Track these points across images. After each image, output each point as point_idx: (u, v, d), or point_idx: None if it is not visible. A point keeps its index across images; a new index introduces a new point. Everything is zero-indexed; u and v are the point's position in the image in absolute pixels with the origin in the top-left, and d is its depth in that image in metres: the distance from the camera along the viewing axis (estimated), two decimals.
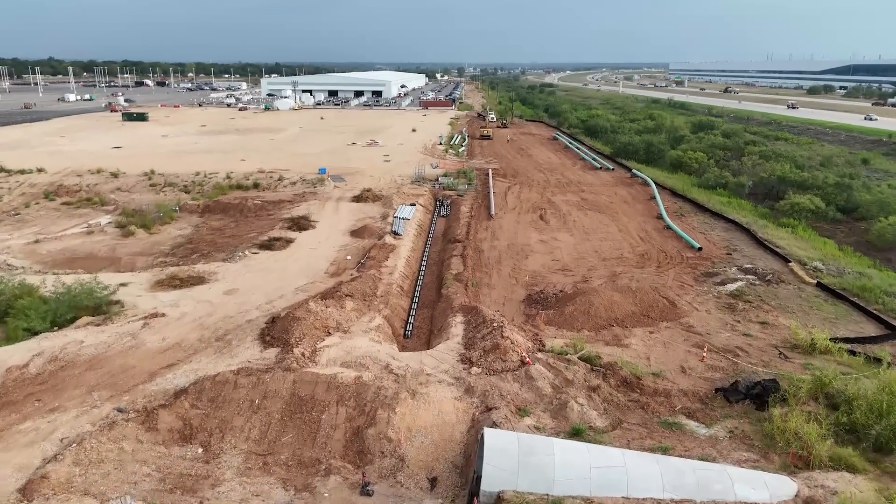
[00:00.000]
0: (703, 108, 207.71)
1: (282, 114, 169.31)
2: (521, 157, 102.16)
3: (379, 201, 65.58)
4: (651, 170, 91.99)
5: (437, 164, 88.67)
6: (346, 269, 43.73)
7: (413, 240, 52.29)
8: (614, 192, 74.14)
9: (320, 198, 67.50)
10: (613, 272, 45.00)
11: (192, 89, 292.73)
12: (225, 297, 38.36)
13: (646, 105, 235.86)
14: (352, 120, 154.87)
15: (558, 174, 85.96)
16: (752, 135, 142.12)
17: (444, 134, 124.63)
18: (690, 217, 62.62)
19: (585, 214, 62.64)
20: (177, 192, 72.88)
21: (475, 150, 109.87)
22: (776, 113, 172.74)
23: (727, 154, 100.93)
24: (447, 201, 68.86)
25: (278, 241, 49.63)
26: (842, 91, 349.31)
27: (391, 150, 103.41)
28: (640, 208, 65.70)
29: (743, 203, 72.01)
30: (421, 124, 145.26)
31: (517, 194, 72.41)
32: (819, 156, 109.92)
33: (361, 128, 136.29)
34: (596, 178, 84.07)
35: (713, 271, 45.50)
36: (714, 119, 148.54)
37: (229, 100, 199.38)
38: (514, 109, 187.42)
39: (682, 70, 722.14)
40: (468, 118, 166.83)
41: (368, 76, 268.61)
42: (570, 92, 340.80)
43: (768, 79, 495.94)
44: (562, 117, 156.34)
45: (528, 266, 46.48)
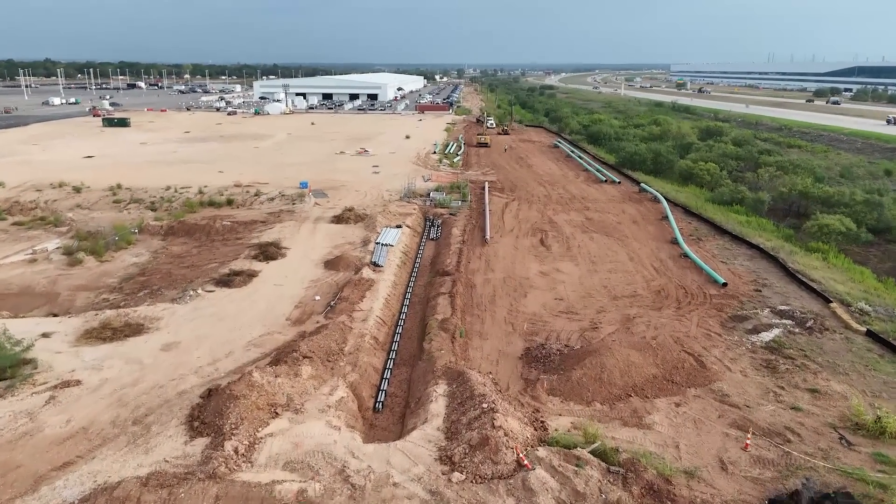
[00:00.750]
0: (708, 112, 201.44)
1: (272, 119, 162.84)
2: (521, 167, 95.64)
3: (362, 222, 59.05)
4: (659, 182, 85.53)
5: (430, 177, 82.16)
6: (313, 313, 37.21)
7: (396, 272, 45.76)
8: (622, 209, 67.60)
9: (297, 217, 60.97)
10: (626, 315, 38.49)
11: (184, 92, 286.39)
12: (161, 354, 31.84)
13: (649, 109, 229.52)
14: (344, 125, 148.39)
15: (560, 188, 79.44)
16: (763, 142, 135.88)
17: (439, 142, 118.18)
18: (708, 241, 56.08)
19: (591, 238, 56.10)
20: (142, 209, 66.39)
21: (471, 159, 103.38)
22: (785, 118, 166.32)
23: (740, 164, 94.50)
24: (438, 221, 62.34)
25: (239, 275, 43.08)
26: (847, 93, 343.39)
27: (381, 159, 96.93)
28: (652, 230, 59.13)
29: (763, 222, 65.49)
30: (415, 130, 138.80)
31: (515, 212, 65.88)
32: (837, 166, 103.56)
33: (353, 134, 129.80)
34: (601, 192, 77.56)
35: (743, 314, 38.97)
36: (721, 125, 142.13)
37: (219, 104, 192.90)
38: (514, 114, 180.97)
39: (684, 72, 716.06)
40: (465, 123, 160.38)
41: (364, 78, 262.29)
42: (570, 94, 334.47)
43: (771, 80, 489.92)
44: (563, 123, 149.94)
45: (527, 306, 39.96)
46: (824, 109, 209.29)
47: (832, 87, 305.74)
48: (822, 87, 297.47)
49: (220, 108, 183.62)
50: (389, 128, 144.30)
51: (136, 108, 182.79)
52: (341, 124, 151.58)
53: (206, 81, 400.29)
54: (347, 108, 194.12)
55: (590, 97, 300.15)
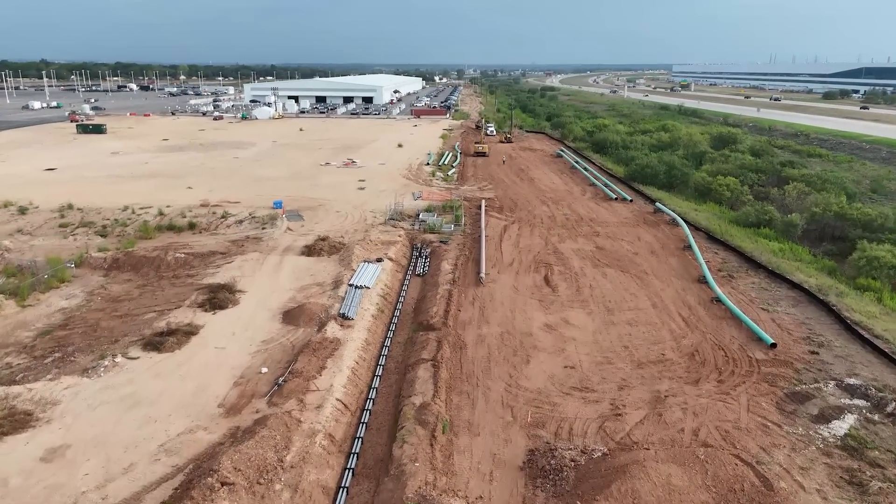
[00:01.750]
0: (716, 116, 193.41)
1: (259, 124, 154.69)
2: (521, 181, 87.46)
3: (336, 254, 50.89)
4: (675, 200, 77.44)
5: (420, 195, 74.02)
6: (255, 396, 29.08)
7: (369, 325, 37.60)
8: (637, 235, 59.40)
9: (263, 248, 52.80)
10: (656, 393, 30.37)
11: (174, 94, 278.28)
12: (38, 468, 23.72)
13: (654, 112, 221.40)
14: (334, 131, 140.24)
15: (565, 207, 71.28)
16: (780, 149, 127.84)
17: (434, 151, 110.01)
18: (741, 278, 47.91)
19: (604, 274, 47.93)
20: (91, 235, 58.26)
21: (468, 170, 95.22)
22: (801, 123, 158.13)
23: (761, 178, 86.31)
24: (427, 250, 54.20)
25: (174, 334, 34.94)
26: (856, 95, 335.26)
27: (369, 172, 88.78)
28: (675, 265, 50.93)
29: (798, 250, 57.37)
30: (409, 137, 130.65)
31: (515, 239, 57.70)
32: (865, 178, 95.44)
33: (342, 142, 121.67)
34: (611, 212, 69.39)
35: (803, 390, 30.83)
36: (734, 130, 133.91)
37: (206, 108, 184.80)
38: (515, 118, 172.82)
39: (686, 72, 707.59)
40: (463, 129, 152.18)
41: (359, 81, 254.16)
42: (572, 96, 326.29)
43: (775, 82, 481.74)
44: (566, 129, 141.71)
45: (530, 379, 31.84)
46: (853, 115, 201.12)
47: (842, 90, 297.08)
48: (832, 90, 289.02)
49: (206, 112, 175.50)
50: (382, 134, 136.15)
51: (118, 113, 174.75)
52: (332, 130, 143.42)
53: (199, 83, 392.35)
54: (340, 112, 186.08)
55: (592, 99, 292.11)
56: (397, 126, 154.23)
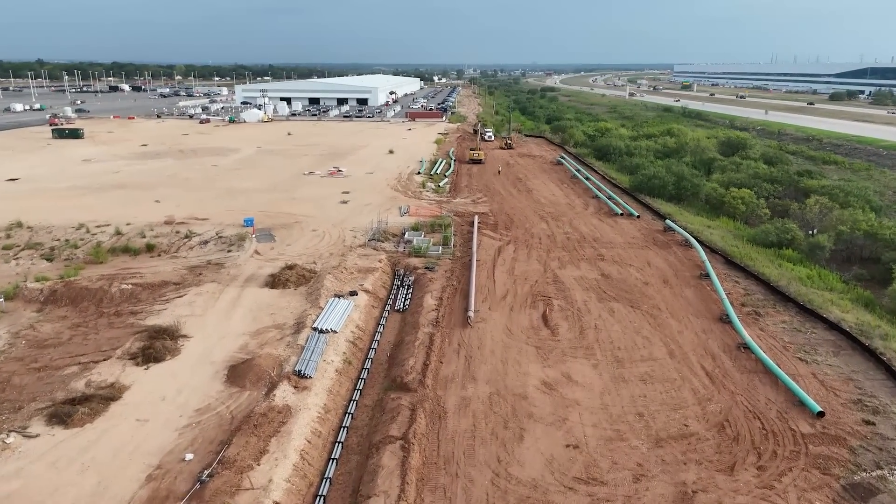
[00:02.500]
0: (721, 119, 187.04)
1: (246, 128, 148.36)
2: (519, 192, 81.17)
3: (305, 285, 44.62)
4: (685, 214, 71.19)
5: (408, 210, 67.76)
6: (170, 497, 22.78)
7: (330, 387, 31.33)
8: (646, 259, 53.10)
9: (224, 277, 46.53)
10: (681, 486, 24.11)
11: (166, 95, 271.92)
12: None
13: (657, 114, 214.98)
14: (323, 136, 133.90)
15: (566, 223, 65.00)
16: (792, 154, 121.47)
17: (426, 158, 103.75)
18: (768, 314, 41.62)
19: (611, 311, 41.66)
20: (36, 259, 52.02)
21: (462, 180, 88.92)
22: (811, 127, 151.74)
23: (777, 189, 79.99)
24: (410, 278, 47.95)
25: (89, 401, 28.70)
26: (862, 96, 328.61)
27: (355, 183, 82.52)
28: (691, 297, 44.62)
29: (827, 276, 51.14)
30: (402, 142, 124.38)
31: (510, 265, 51.41)
32: (888, 189, 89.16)
33: (330, 147, 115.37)
34: (616, 229, 63.07)
35: (863, 482, 24.57)
36: (742, 135, 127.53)
37: (193, 110, 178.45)
38: (513, 122, 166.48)
39: (688, 72, 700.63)
40: (459, 133, 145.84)
41: (354, 82, 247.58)
42: (572, 97, 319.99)
43: (779, 82, 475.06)
44: (566, 133, 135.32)
45: (524, 466, 25.58)
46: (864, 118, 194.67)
47: (849, 91, 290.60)
48: (839, 91, 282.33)
49: (193, 115, 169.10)
50: (374, 139, 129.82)
51: (102, 116, 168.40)
52: (321, 134, 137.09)
53: (193, 84, 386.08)
54: (333, 114, 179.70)
55: (593, 101, 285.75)
56: (391, 130, 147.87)
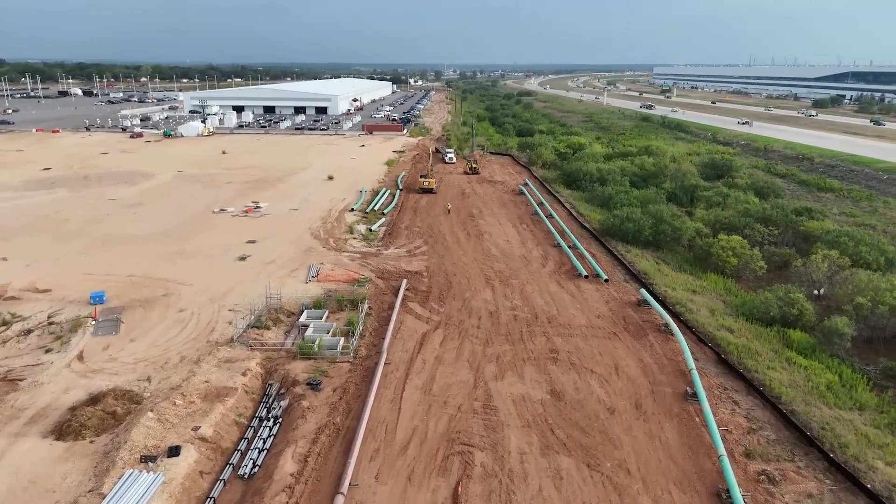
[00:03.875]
0: (703, 130, 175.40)
1: (180, 144, 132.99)
2: (468, 237, 67.51)
3: (109, 432, 30.44)
4: (664, 270, 58.08)
5: (318, 271, 53.77)
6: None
7: None
8: (614, 360, 39.64)
9: (4, 410, 32.23)
10: None
11: (114, 101, 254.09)
12: None
13: (635, 124, 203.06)
14: (263, 154, 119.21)
15: (517, 290, 51.45)
16: (782, 178, 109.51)
17: (369, 187, 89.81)
18: (787, 477, 28.40)
19: (558, 474, 28.25)
20: None
21: (404, 218, 75.11)
22: (801, 143, 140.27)
23: (772, 232, 67.33)
24: (282, 404, 34.11)
25: None
26: (846, 101, 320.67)
27: (270, 225, 68.33)
28: (674, 442, 31.18)
29: (853, 379, 38.31)
30: (349, 163, 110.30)
31: (430, 372, 37.67)
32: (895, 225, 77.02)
33: (264, 172, 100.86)
34: (579, 301, 49.63)
35: None
36: (727, 156, 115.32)
37: (130, 121, 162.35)
38: (479, 135, 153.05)
39: (667, 74, 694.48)
40: (418, 150, 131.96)
41: (313, 89, 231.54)
42: (549, 103, 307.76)
43: (759, 86, 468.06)
44: (534, 152, 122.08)
45: None
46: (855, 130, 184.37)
47: (833, 97, 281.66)
48: (821, 98, 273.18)
49: (125, 127, 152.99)
50: (319, 158, 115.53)
51: (25, 129, 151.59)
52: (262, 152, 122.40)
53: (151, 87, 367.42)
54: (284, 126, 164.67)
55: (570, 107, 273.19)
56: (342, 146, 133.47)
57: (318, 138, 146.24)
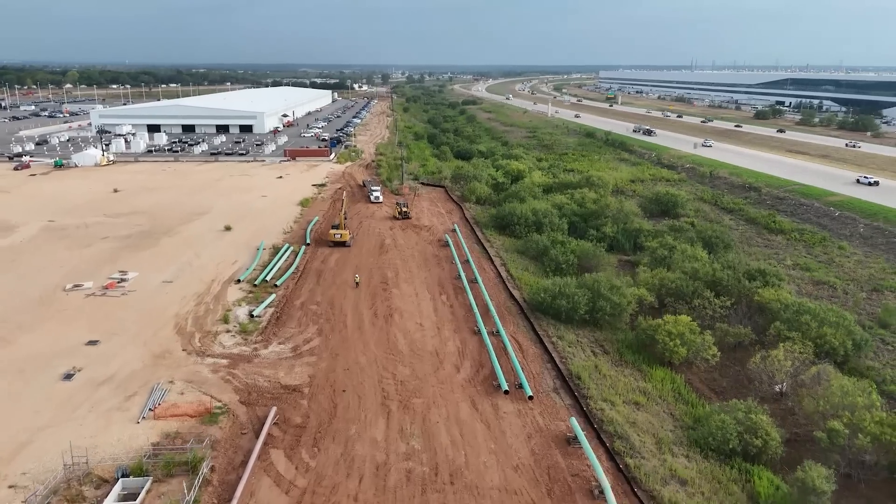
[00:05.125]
0: (647, 150, 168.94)
1: (70, 177, 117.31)
2: (374, 320, 56.34)
3: None
4: (602, 368, 48.32)
5: (160, 399, 41.65)
6: None
7: None
8: None
9: None
10: None
11: (19, 118, 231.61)
12: None
13: (578, 141, 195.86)
14: (162, 193, 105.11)
15: (419, 417, 40.62)
16: (730, 214, 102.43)
17: (269, 242, 77.58)
18: None
19: None
20: None
21: (301, 289, 63.36)
22: (748, 168, 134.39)
23: (724, 304, 58.71)
24: None
25: None
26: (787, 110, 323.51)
27: (127, 313, 55.45)
28: None
29: None
30: (257, 205, 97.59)
31: None
32: (856, 281, 69.64)
33: (151, 221, 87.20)
34: (496, 439, 39.10)
35: None
36: (673, 192, 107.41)
37: (21, 146, 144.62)
38: (413, 160, 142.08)
39: (612, 78, 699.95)
40: (343, 183, 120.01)
41: (240, 104, 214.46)
42: (493, 113, 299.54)
43: (701, 91, 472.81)
44: (468, 186, 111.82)
45: None
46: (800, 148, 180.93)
47: (774, 108, 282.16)
48: (763, 110, 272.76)
49: (14, 154, 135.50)
50: (224, 197, 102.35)
51: None
52: (161, 189, 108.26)
53: (75, 95, 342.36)
54: (199, 151, 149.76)
55: (514, 119, 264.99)
56: (257, 178, 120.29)
57: (233, 167, 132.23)
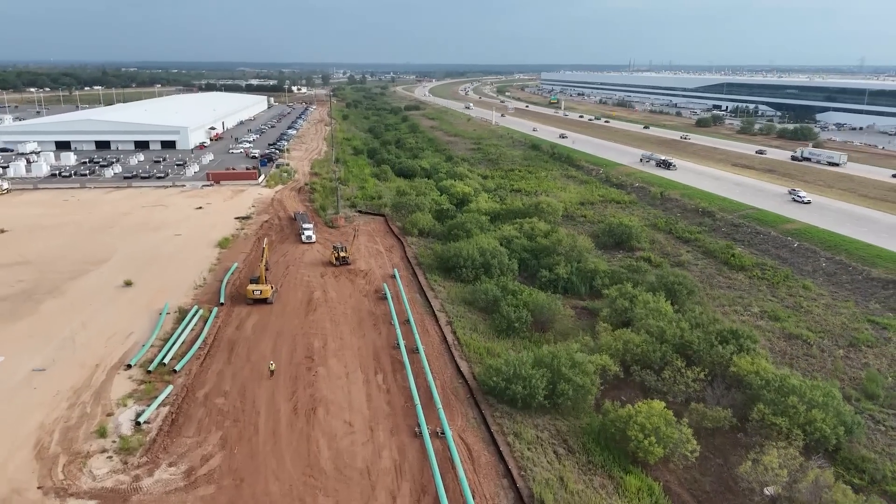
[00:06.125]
0: (595, 165, 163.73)
1: None
2: (292, 420, 46.59)
3: None
4: (568, 483, 40.20)
5: None
6: None
7: None
8: None
9: None
10: None
11: None
12: None
13: (524, 153, 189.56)
14: (53, 234, 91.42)
15: None
16: (686, 244, 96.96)
17: (177, 301, 66.40)
18: None
19: None
20: None
21: (208, 374, 52.85)
22: (700, 188, 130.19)
23: (698, 376, 51.88)
24: None
25: None
26: (724, 113, 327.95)
27: None
28: None
29: None
30: (168, 247, 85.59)
31: None
32: (838, 343, 64.12)
33: (36, 275, 74.42)
34: None
35: None
36: (626, 221, 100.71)
37: None
38: (351, 182, 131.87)
39: (555, 80, 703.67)
40: (272, 210, 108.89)
41: (163, 115, 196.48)
42: (437, 120, 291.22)
43: (641, 94, 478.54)
44: (409, 218, 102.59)
45: None
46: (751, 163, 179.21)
47: (714, 115, 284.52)
48: (705, 117, 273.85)
49: None
50: (130, 238, 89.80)
51: None
52: (56, 228, 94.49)
53: None
54: (111, 174, 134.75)
55: (458, 128, 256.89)
56: (173, 209, 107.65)
57: (148, 194, 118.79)
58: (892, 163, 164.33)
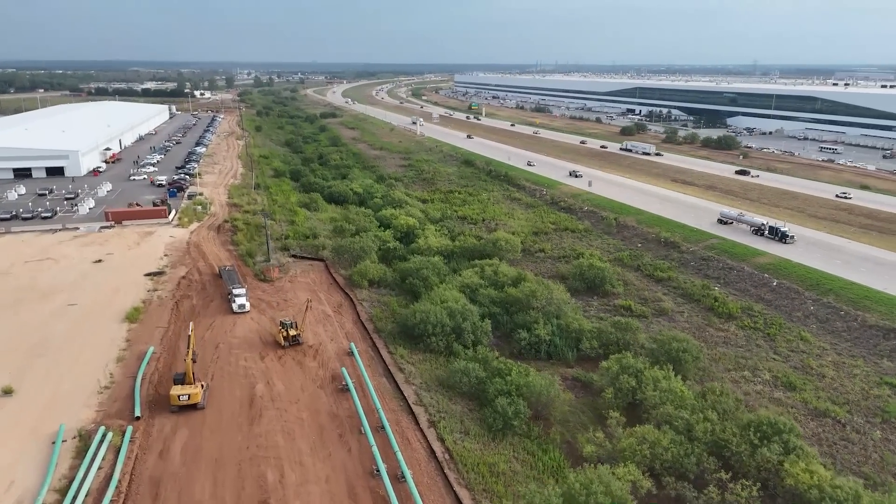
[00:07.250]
0: (537, 185, 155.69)
1: None
2: None
3: None
4: None
5: None
6: None
7: None
8: None
9: None
10: None
11: None
12: None
13: (458, 171, 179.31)
14: None
15: None
16: (660, 284, 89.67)
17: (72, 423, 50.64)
18: None
19: None
20: None
21: None
22: (649, 210, 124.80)
23: (753, 497, 43.11)
24: None
25: None
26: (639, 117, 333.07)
27: None
28: None
29: None
30: (57, 332, 68.02)
31: None
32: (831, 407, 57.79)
33: None
34: None
35: None
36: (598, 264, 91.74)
37: None
38: (277, 216, 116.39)
39: (468, 82, 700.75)
40: (191, 260, 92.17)
41: (45, 139, 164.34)
42: (358, 130, 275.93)
43: (556, 98, 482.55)
44: (355, 269, 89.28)
45: None
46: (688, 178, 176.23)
47: (638, 123, 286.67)
48: (629, 126, 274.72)
49: None
50: (8, 313, 71.54)
51: None
52: None
53: None
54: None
55: (383, 140, 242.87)
56: (63, 264, 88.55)
57: (30, 242, 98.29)
58: (818, 174, 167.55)
